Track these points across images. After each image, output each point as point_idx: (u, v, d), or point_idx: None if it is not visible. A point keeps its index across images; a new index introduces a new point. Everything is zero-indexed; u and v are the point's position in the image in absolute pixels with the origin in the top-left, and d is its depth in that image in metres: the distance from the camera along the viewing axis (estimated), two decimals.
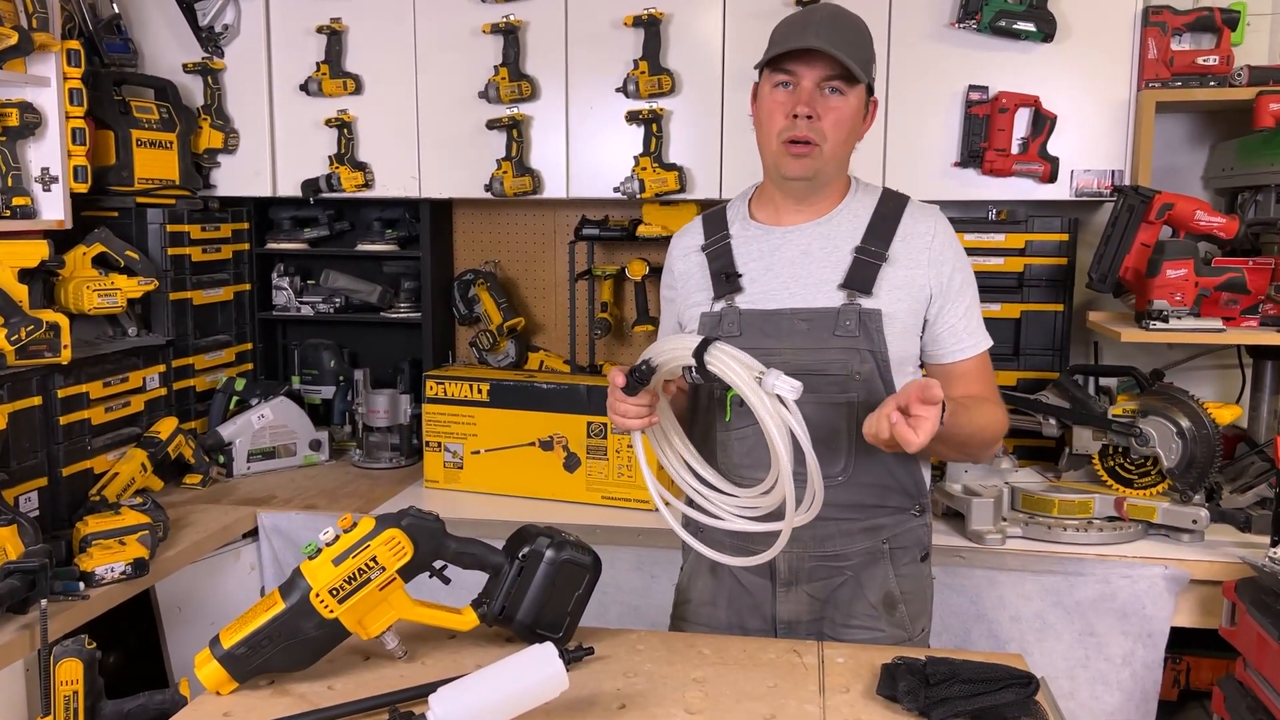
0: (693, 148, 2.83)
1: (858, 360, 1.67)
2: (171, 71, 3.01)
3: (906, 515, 1.76)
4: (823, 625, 1.75)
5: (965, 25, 2.63)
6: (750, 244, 1.75)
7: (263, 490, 2.81)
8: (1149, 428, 2.37)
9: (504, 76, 2.84)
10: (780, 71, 1.66)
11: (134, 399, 2.70)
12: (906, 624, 1.77)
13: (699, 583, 1.84)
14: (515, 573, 1.60)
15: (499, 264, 3.33)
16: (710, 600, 1.81)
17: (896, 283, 1.69)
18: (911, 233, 1.71)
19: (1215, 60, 2.56)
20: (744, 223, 1.78)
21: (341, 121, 2.96)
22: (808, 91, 1.64)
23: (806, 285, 1.70)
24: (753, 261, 1.74)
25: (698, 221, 1.83)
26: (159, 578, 2.28)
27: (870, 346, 1.67)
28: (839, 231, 1.72)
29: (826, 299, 1.69)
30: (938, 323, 1.72)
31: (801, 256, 1.72)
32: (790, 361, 1.66)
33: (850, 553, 1.72)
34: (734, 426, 1.72)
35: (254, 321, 3.27)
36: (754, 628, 1.78)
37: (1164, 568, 2.26)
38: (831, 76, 1.63)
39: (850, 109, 1.66)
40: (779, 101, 1.66)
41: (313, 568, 1.51)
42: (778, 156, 1.68)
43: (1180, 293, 2.37)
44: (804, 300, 1.70)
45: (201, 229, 2.98)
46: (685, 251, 1.81)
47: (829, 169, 1.69)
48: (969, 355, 1.75)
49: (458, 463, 2.80)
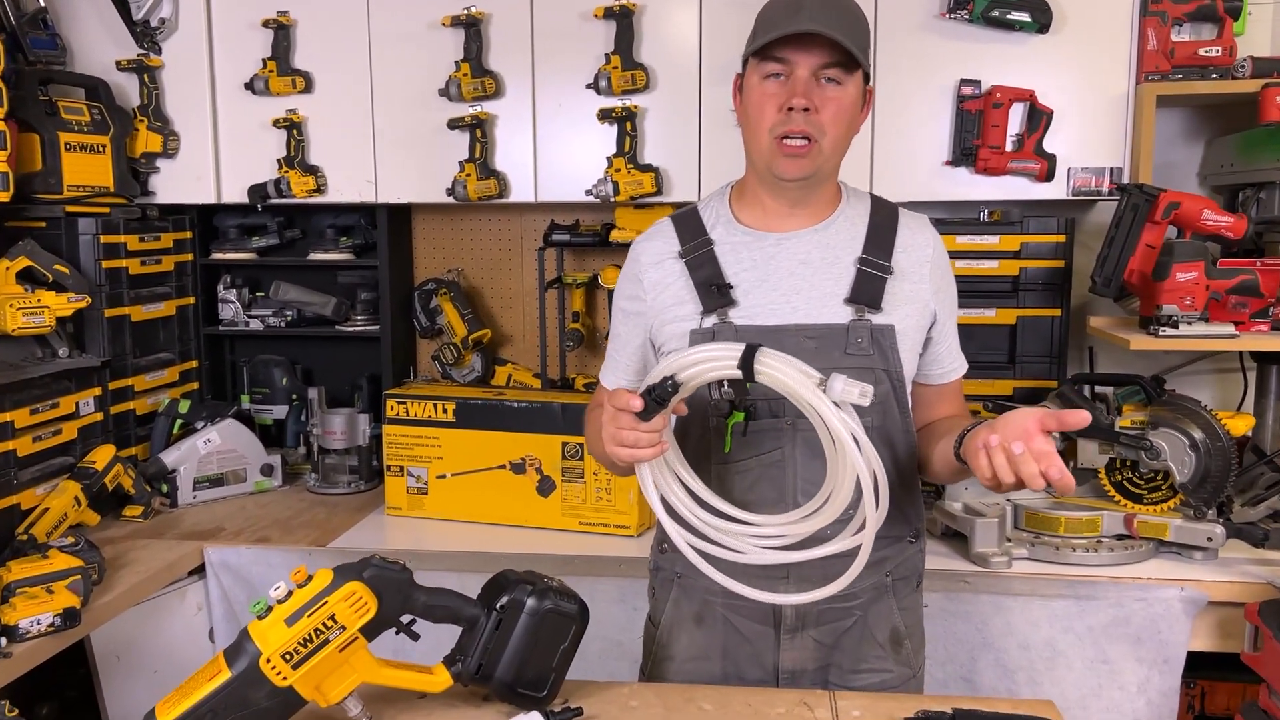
0: (669, 147, 2.66)
1: (871, 381, 1.51)
2: (104, 69, 2.79)
3: (905, 543, 1.64)
4: (829, 673, 1.61)
5: (956, 15, 2.49)
6: (739, 251, 1.58)
7: (210, 521, 2.59)
8: (1159, 440, 2.24)
9: (466, 73, 2.65)
10: (771, 60, 1.49)
11: (66, 426, 2.48)
12: (911, 660, 1.64)
13: (683, 636, 1.65)
14: (493, 625, 1.44)
15: (462, 272, 3.13)
16: (701, 654, 1.64)
17: (903, 297, 1.56)
18: (911, 244, 1.59)
19: (1218, 51, 2.44)
20: (728, 226, 1.60)
21: (291, 122, 2.75)
22: (803, 81, 1.48)
23: (809, 299, 1.55)
24: (744, 271, 1.57)
25: (667, 224, 1.64)
26: (94, 626, 2.07)
27: (885, 366, 1.54)
28: (838, 240, 1.57)
29: (833, 314, 1.54)
30: (939, 342, 1.62)
31: (800, 266, 1.56)
32: None
33: (859, 590, 1.56)
34: (734, 459, 1.56)
35: (199, 337, 3.05)
36: (753, 680, 1.61)
37: (1180, 589, 2.13)
38: (829, 64, 1.48)
39: (850, 99, 1.51)
40: (770, 94, 1.50)
41: (262, 629, 1.35)
42: (770, 156, 1.51)
43: (1191, 297, 2.25)
44: (808, 315, 1.54)
45: (139, 239, 2.76)
46: (657, 258, 1.62)
47: (827, 167, 1.54)
48: (960, 374, 1.68)
49: (422, 488, 2.60)
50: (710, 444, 1.57)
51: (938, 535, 2.39)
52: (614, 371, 1.71)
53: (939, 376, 1.65)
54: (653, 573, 1.72)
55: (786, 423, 1.52)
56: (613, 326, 1.72)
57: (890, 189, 2.59)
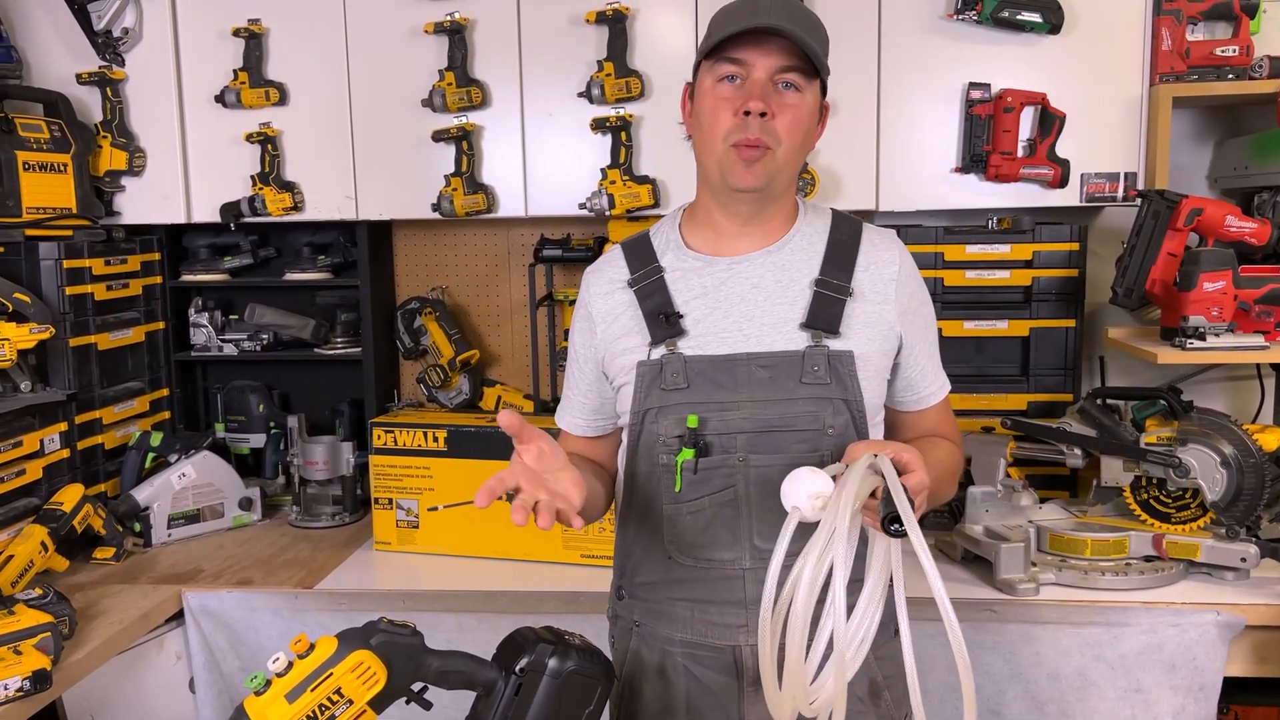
0: (666, 158, 2.54)
1: (830, 412, 1.43)
2: (63, 83, 2.62)
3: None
4: None
5: (964, 17, 2.40)
6: (689, 278, 1.48)
7: (187, 562, 2.44)
8: (1189, 457, 2.15)
9: (450, 82, 2.52)
10: (727, 61, 1.39)
11: (30, 465, 2.32)
12: (893, 711, 1.52)
13: (646, 689, 1.54)
14: (512, 691, 1.33)
15: (447, 290, 3.00)
16: (664, 709, 1.52)
17: (865, 320, 1.46)
18: (874, 262, 1.49)
19: (1234, 51, 2.36)
20: (678, 252, 1.50)
21: (264, 136, 2.60)
22: (760, 84, 1.38)
23: (763, 325, 1.45)
24: (694, 299, 1.47)
25: (616, 252, 1.55)
26: (66, 686, 1.91)
27: (844, 395, 1.43)
28: (793, 261, 1.48)
29: (787, 341, 1.44)
30: (909, 365, 1.53)
31: (752, 291, 1.46)
32: (752, 416, 1.42)
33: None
34: (685, 498, 1.46)
35: (169, 364, 2.89)
36: None
37: (1216, 614, 2.03)
38: (788, 68, 1.38)
39: (807, 109, 1.41)
40: (724, 98, 1.39)
41: (260, 706, 1.22)
42: (724, 163, 1.41)
43: (1219, 307, 2.16)
44: (761, 343, 1.44)
45: (105, 263, 2.60)
46: (607, 288, 1.53)
47: (781, 178, 1.44)
48: (938, 400, 1.58)
49: (412, 521, 2.46)
50: (660, 482, 1.47)
51: (957, 560, 2.29)
52: (569, 412, 1.62)
53: (914, 403, 1.56)
54: (611, 621, 1.61)
55: (739, 458, 1.43)
56: (569, 366, 1.62)
57: (897, 198, 2.50)
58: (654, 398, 1.45)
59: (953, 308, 2.54)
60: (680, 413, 1.44)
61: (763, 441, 1.42)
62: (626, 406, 1.50)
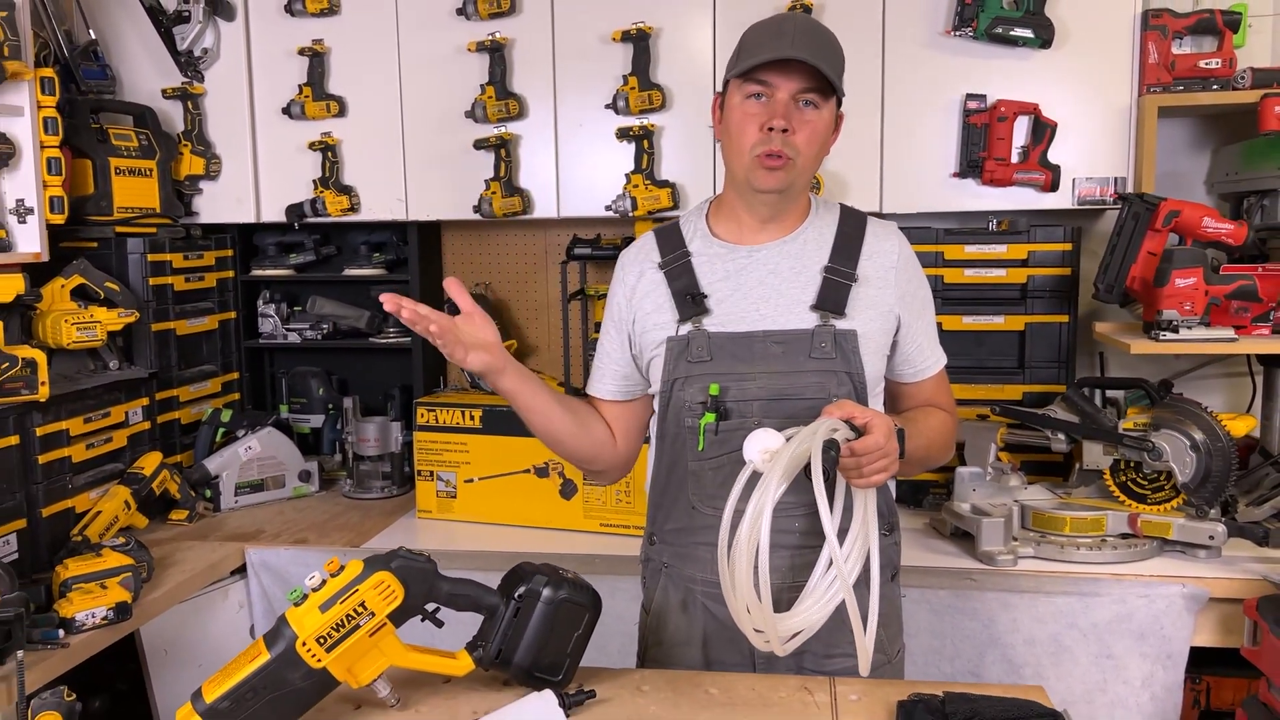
0: (685, 163, 2.77)
1: (835, 383, 1.63)
2: (150, 97, 2.94)
3: (879, 536, 1.69)
4: (803, 659, 1.68)
5: (961, 33, 2.58)
6: (714, 263, 1.68)
7: (251, 525, 2.72)
8: (1162, 441, 2.31)
9: (491, 95, 2.78)
10: (754, 82, 1.59)
11: (116, 434, 2.62)
12: (885, 647, 1.72)
13: (670, 622, 1.75)
14: (511, 613, 1.53)
15: (490, 286, 3.26)
16: (685, 640, 1.73)
17: (867, 302, 1.65)
18: (876, 251, 1.68)
19: (1218, 63, 2.50)
20: (705, 240, 1.70)
21: (325, 144, 2.89)
22: (783, 104, 1.58)
23: (777, 306, 1.65)
24: (718, 282, 1.67)
25: (649, 238, 1.75)
26: (144, 620, 2.20)
27: (847, 368, 1.63)
28: (806, 250, 1.67)
29: (799, 320, 1.63)
30: (906, 342, 1.71)
31: (770, 276, 1.66)
32: (766, 386, 1.62)
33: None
34: (707, 456, 1.66)
35: (240, 350, 3.20)
36: (732, 663, 1.70)
37: (1182, 586, 2.19)
38: (808, 89, 1.58)
39: (824, 123, 1.61)
40: (751, 114, 1.60)
41: (298, 615, 1.45)
42: (750, 170, 1.61)
43: (1190, 302, 2.31)
44: (776, 322, 1.64)
45: (184, 257, 2.91)
46: (639, 269, 1.73)
47: (800, 183, 1.64)
48: (934, 372, 1.75)
49: (451, 492, 2.72)
50: (685, 443, 1.67)
51: (947, 535, 2.47)
52: (601, 380, 1.80)
53: (910, 376, 1.73)
54: (644, 564, 1.82)
55: (754, 422, 1.61)
56: (601, 339, 1.81)
57: (900, 201, 2.69)
58: (681, 368, 1.65)
59: (953, 304, 2.72)
60: (703, 382, 1.63)
61: (775, 408, 1.61)
62: (657, 376, 1.70)
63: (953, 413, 1.79)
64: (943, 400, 1.78)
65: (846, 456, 1.45)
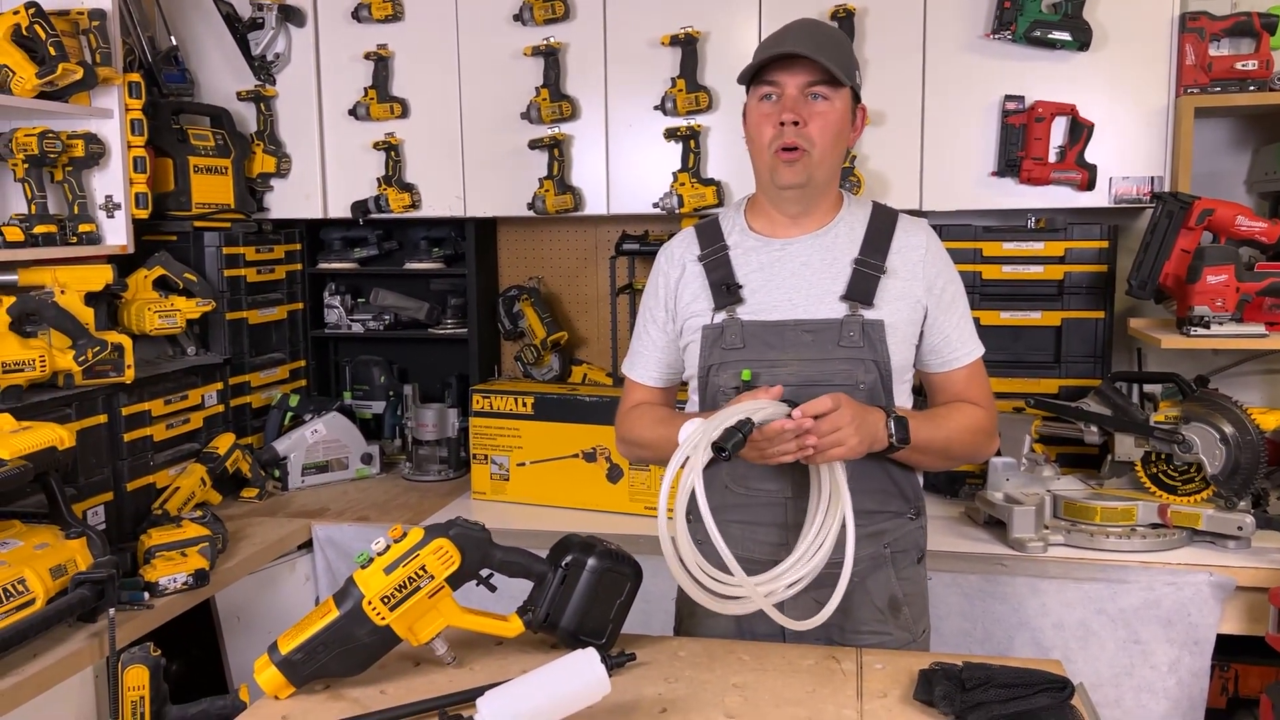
0: (729, 162, 2.87)
1: (862, 370, 1.71)
2: (226, 99, 3.12)
3: (904, 519, 1.79)
4: (831, 632, 1.75)
5: (1000, 36, 2.65)
6: (749, 255, 1.77)
7: (316, 503, 2.89)
8: (1192, 434, 2.37)
9: (545, 97, 2.91)
10: (764, 84, 1.69)
11: (193, 416, 2.79)
12: (910, 625, 1.80)
13: None
14: (559, 581, 1.64)
15: (542, 280, 3.39)
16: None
17: (895, 294, 1.73)
18: (905, 246, 1.76)
19: (1254, 65, 2.55)
20: (742, 233, 1.80)
21: (389, 144, 3.05)
22: (792, 99, 1.67)
23: (809, 297, 1.73)
24: (753, 273, 1.76)
25: (690, 232, 1.85)
26: (218, 588, 2.36)
27: (874, 356, 1.71)
28: (837, 244, 1.75)
29: (829, 310, 1.72)
30: (933, 333, 1.77)
31: (802, 268, 1.75)
32: (796, 372, 1.70)
33: (857, 559, 1.73)
34: None
35: (306, 339, 3.37)
36: (762, 634, 1.78)
37: (1209, 574, 2.24)
38: (814, 82, 1.67)
39: (836, 113, 1.69)
40: (765, 113, 1.69)
41: (365, 576, 1.57)
42: (770, 166, 1.70)
43: (1221, 298, 2.37)
44: (806, 311, 1.72)
45: (255, 251, 3.08)
46: (680, 261, 1.82)
47: (820, 174, 1.71)
48: (963, 364, 1.79)
49: (504, 475, 2.86)
50: None
51: (980, 523, 2.54)
52: (640, 366, 1.91)
53: (938, 366, 1.79)
54: None
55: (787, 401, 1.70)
56: (640, 324, 1.91)
57: (939, 199, 2.77)
58: (716, 355, 1.75)
59: (990, 299, 2.79)
60: (737, 368, 1.73)
61: (804, 393, 1.66)
62: (694, 362, 1.80)
63: (988, 407, 1.82)
64: (976, 394, 1.81)
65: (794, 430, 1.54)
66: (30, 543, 1.96)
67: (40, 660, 1.87)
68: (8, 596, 1.83)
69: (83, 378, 2.34)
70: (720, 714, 1.48)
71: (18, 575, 1.86)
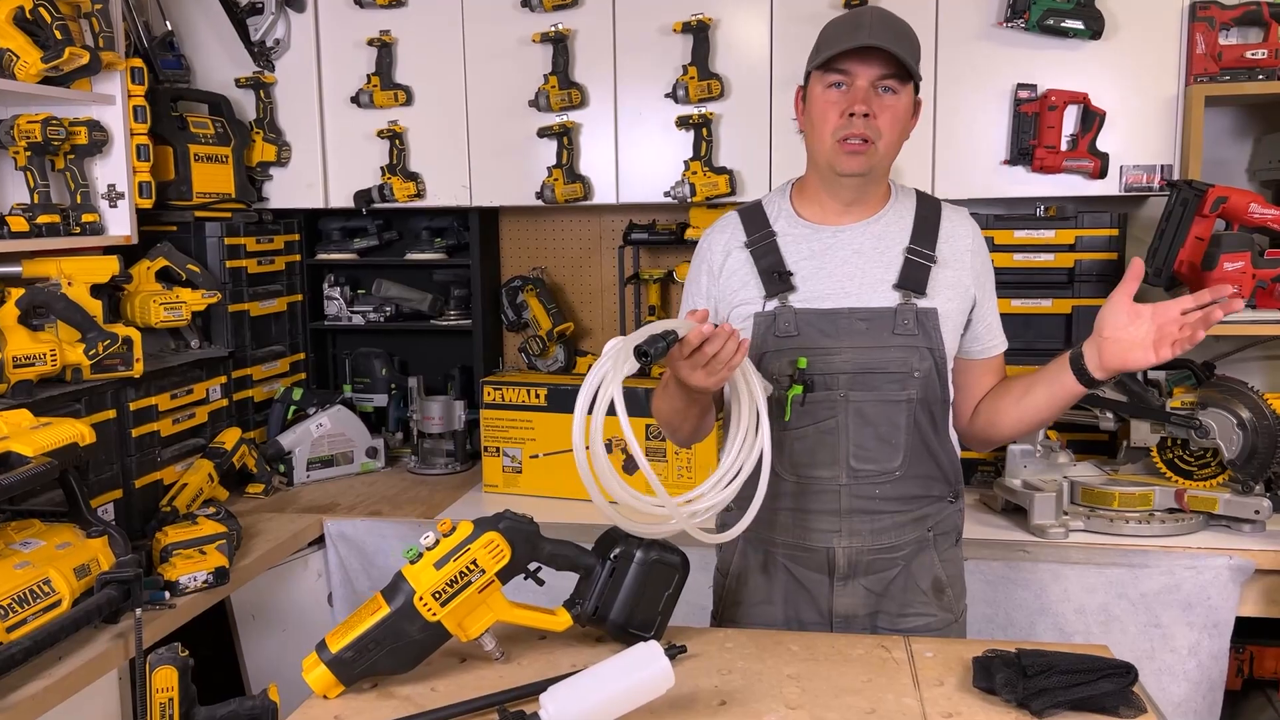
0: (742, 151, 2.85)
1: (917, 358, 1.71)
2: (223, 86, 3.05)
3: (945, 502, 1.80)
4: (878, 618, 1.78)
5: (1013, 24, 2.66)
6: (800, 242, 1.77)
7: (324, 498, 2.84)
8: (1209, 420, 2.39)
9: (554, 85, 2.87)
10: (834, 72, 1.67)
11: (199, 410, 2.73)
12: (953, 606, 1.82)
13: (751, 581, 1.85)
14: (607, 574, 1.62)
15: (545, 270, 3.36)
16: (765, 599, 1.83)
17: (946, 283, 1.74)
18: (953, 235, 1.77)
19: (1264, 54, 2.57)
20: (790, 220, 1.79)
21: (393, 132, 2.99)
22: (863, 91, 1.66)
23: (861, 285, 1.73)
24: (804, 260, 1.75)
25: (733, 217, 1.83)
26: (235, 587, 2.31)
27: (929, 344, 1.71)
28: (888, 232, 1.75)
29: (882, 299, 1.72)
30: (978, 321, 1.79)
31: (854, 256, 1.74)
32: (851, 360, 1.71)
33: (903, 543, 1.76)
34: (794, 426, 1.74)
35: (306, 331, 3.31)
36: (810, 622, 1.80)
37: (1229, 558, 2.28)
38: (886, 76, 1.66)
39: (903, 107, 1.69)
40: (832, 101, 1.68)
41: (415, 571, 1.54)
42: (832, 155, 1.69)
43: (1238, 285, 2.39)
44: (860, 300, 1.72)
45: (256, 241, 3.02)
46: (725, 247, 1.81)
47: (881, 166, 1.72)
48: (1000, 351, 1.84)
49: (516, 467, 2.83)
50: (772, 414, 1.73)
51: (998, 510, 2.56)
52: None
53: (979, 352, 1.81)
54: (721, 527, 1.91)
55: (840, 395, 1.71)
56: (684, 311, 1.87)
57: (951, 187, 2.77)
58: (769, 342, 1.74)
59: (1001, 287, 2.67)
60: (791, 356, 1.72)
61: (860, 381, 1.70)
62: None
63: None
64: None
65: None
66: (51, 542, 1.91)
67: (66, 663, 1.81)
68: (34, 598, 1.77)
69: (92, 372, 2.28)
70: (781, 705, 1.47)
71: (42, 576, 1.81)
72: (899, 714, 1.43)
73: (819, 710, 1.45)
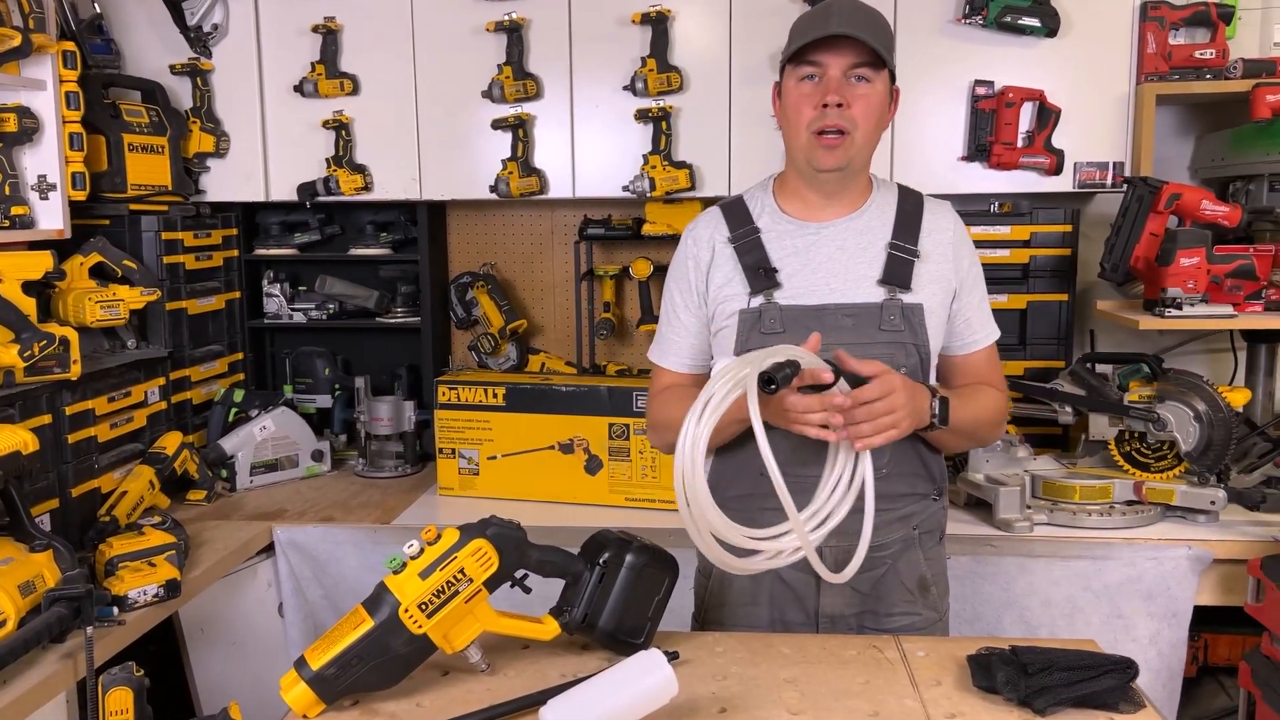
0: (701, 145, 2.82)
1: (903, 354, 1.70)
2: (157, 73, 2.90)
3: (929, 501, 1.80)
4: (864, 618, 1.76)
5: (971, 21, 2.67)
6: (783, 239, 1.74)
7: (271, 504, 2.72)
8: (1166, 413, 2.43)
9: (508, 75, 2.80)
10: (806, 64, 1.66)
11: (137, 414, 2.59)
12: (937, 604, 1.81)
13: (736, 583, 1.81)
14: (596, 579, 1.57)
15: (495, 266, 3.28)
16: (750, 600, 1.80)
17: (930, 278, 1.73)
18: (935, 228, 1.75)
19: (1212, 54, 2.63)
20: (774, 215, 1.77)
21: (339, 123, 2.88)
22: (836, 80, 1.64)
23: (846, 281, 1.71)
24: (788, 257, 1.73)
25: (715, 212, 1.80)
26: (186, 599, 2.19)
27: (915, 340, 1.70)
28: (871, 227, 1.74)
29: (867, 294, 1.70)
30: (957, 316, 1.78)
31: (838, 252, 1.73)
32: None
33: (889, 542, 1.75)
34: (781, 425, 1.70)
35: (244, 330, 3.17)
36: (796, 623, 1.77)
37: (1188, 548, 2.32)
38: (859, 64, 1.64)
39: (878, 95, 1.67)
40: (806, 94, 1.66)
41: (399, 582, 1.48)
42: (809, 149, 1.67)
43: (1193, 280, 2.44)
44: (845, 296, 1.70)
45: (194, 236, 2.88)
46: (709, 243, 1.77)
47: (860, 158, 1.70)
48: (983, 346, 1.81)
49: (473, 469, 2.75)
50: None
51: (960, 505, 2.57)
52: (672, 353, 1.84)
53: (959, 348, 1.80)
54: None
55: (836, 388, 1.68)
56: (668, 310, 1.84)
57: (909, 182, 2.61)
58: (754, 339, 1.70)
59: None
60: None
61: (846, 378, 1.64)
62: (725, 347, 1.74)
63: (1004, 390, 1.84)
64: (994, 378, 1.83)
65: (846, 408, 1.50)
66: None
67: (13, 687, 1.69)
68: None
69: (26, 374, 2.13)
70: (783, 711, 1.44)
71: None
72: (902, 716, 1.41)
73: (822, 715, 1.42)
